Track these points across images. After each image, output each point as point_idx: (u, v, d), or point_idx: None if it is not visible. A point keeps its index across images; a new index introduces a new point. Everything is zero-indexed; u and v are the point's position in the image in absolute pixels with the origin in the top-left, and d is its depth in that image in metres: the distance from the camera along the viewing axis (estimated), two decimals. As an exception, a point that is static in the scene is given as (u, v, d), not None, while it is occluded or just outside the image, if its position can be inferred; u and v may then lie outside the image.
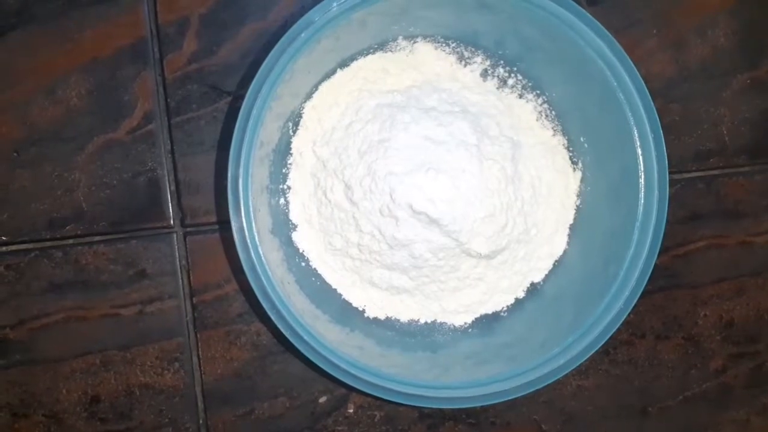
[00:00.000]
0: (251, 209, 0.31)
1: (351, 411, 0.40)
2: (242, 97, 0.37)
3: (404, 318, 0.38)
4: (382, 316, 0.37)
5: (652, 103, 0.33)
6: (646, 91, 0.33)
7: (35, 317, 0.37)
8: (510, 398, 0.33)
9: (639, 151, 0.33)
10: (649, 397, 0.42)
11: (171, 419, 0.38)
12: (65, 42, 0.36)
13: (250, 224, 0.31)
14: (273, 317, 0.32)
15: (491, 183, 0.35)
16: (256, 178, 0.32)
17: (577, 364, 0.33)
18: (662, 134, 0.33)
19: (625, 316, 0.33)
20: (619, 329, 0.34)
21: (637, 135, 0.33)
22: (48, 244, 0.37)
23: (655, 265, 0.34)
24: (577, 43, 0.34)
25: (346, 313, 0.37)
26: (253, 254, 0.31)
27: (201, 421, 0.38)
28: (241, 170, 0.31)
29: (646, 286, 0.34)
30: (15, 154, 0.36)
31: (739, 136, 0.42)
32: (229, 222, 0.31)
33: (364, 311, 0.37)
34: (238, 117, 0.31)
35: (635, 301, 0.33)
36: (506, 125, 0.37)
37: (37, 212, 0.37)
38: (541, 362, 0.33)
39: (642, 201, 0.33)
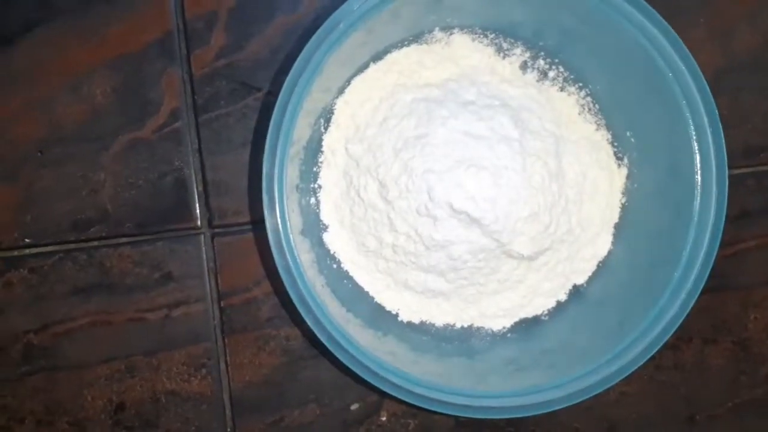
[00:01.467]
0: (286, 209, 0.30)
1: (384, 419, 0.38)
2: (273, 94, 0.36)
3: (440, 322, 0.36)
4: (416, 321, 0.36)
5: (710, 96, 0.31)
6: (705, 82, 0.31)
7: (59, 322, 0.36)
8: (555, 409, 0.31)
9: (695, 147, 0.31)
10: (696, 405, 0.40)
11: (198, 427, 0.37)
12: (90, 37, 0.35)
13: (285, 225, 0.30)
14: (309, 322, 0.31)
15: (534, 180, 0.33)
16: (287, 177, 0.31)
17: (629, 372, 0.31)
18: (722, 130, 0.31)
19: (679, 323, 0.31)
20: (666, 333, 0.32)
21: (693, 130, 0.31)
22: (72, 246, 0.36)
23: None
24: (625, 29, 0.32)
25: (379, 317, 0.36)
26: (288, 256, 0.30)
27: (229, 429, 0.37)
28: (276, 168, 0.29)
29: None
30: (39, 154, 0.35)
31: (792, 130, 0.40)
32: (258, 223, 0.30)
33: (397, 315, 0.36)
34: (274, 112, 0.30)
35: (690, 307, 0.32)
36: (547, 119, 0.35)
37: (61, 213, 0.36)
38: (589, 371, 0.31)
39: (698, 200, 0.32)
